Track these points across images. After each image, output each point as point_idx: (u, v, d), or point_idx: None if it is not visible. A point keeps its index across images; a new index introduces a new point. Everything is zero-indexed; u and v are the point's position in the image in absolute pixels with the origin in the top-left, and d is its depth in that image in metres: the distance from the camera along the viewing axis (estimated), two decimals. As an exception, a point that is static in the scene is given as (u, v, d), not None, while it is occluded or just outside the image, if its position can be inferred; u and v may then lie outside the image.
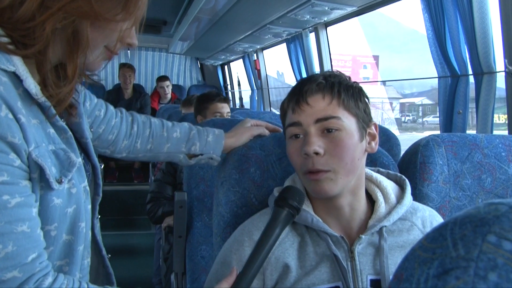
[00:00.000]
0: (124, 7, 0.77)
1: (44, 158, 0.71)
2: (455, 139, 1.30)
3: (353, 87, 1.02)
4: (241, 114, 3.16)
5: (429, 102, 17.32)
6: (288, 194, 0.95)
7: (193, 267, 1.80)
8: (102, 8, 0.74)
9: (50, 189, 0.73)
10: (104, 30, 0.77)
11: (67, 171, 0.76)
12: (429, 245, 0.39)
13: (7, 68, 0.69)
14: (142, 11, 0.82)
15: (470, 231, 0.37)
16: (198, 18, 3.63)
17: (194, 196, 1.83)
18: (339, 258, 0.97)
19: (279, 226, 0.91)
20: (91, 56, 0.80)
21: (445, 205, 1.26)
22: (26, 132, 0.69)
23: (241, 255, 1.02)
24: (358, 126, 1.01)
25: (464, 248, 0.36)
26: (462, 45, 1.99)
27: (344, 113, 0.99)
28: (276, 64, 5.56)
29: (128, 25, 0.80)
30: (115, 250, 3.82)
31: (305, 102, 1.00)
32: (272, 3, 2.90)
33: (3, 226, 0.65)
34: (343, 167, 0.97)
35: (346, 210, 1.03)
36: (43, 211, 0.73)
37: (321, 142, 0.97)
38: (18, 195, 0.67)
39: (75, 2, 0.71)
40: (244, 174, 1.20)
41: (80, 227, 0.81)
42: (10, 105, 0.67)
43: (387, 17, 18.66)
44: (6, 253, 0.65)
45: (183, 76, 7.16)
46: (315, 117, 0.98)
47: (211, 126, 1.81)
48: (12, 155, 0.67)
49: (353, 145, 0.99)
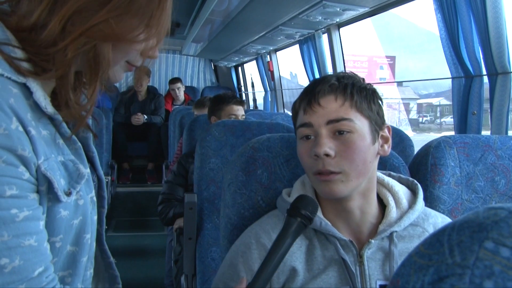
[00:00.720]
0: (147, 26, 0.76)
1: (53, 171, 0.71)
2: (467, 140, 1.27)
3: (367, 89, 1.01)
4: (254, 115, 3.16)
5: (446, 103, 17.15)
6: (301, 204, 0.93)
7: (203, 269, 1.80)
8: (124, 29, 0.73)
9: (58, 202, 0.72)
10: (125, 49, 0.77)
11: (76, 183, 0.76)
12: (426, 251, 0.38)
13: (17, 80, 0.69)
14: (167, 27, 0.80)
15: (468, 237, 0.35)
16: (210, 20, 3.64)
17: (204, 198, 1.83)
18: (347, 262, 0.96)
19: (290, 236, 0.90)
20: (112, 71, 0.79)
21: (457, 208, 1.24)
22: (36, 145, 0.68)
23: (248, 258, 1.01)
24: (370, 128, 0.99)
25: (460, 255, 0.35)
26: (476, 45, 1.96)
27: (357, 115, 0.98)
28: (289, 65, 5.55)
29: (153, 44, 0.80)
30: (128, 251, 3.84)
31: (317, 103, 0.98)
32: (283, 5, 2.90)
33: (11, 240, 0.64)
34: (354, 169, 0.96)
35: (356, 213, 1.01)
36: (49, 223, 0.72)
37: (332, 143, 0.96)
38: (26, 209, 0.66)
39: (96, 26, 0.71)
40: (251, 176, 1.19)
41: (85, 238, 0.81)
42: (21, 117, 0.66)
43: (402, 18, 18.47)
44: (13, 267, 0.64)
45: (197, 78, 7.18)
46: (326, 118, 0.97)
47: (222, 127, 1.83)
48: (22, 168, 0.66)
49: (365, 148, 0.97)
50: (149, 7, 0.75)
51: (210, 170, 1.81)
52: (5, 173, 0.64)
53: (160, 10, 0.77)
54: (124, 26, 0.73)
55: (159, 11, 0.77)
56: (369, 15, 2.98)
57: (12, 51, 0.69)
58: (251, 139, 1.27)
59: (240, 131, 1.83)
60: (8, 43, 0.69)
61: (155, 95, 5.65)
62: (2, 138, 0.63)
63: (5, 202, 0.64)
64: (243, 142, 1.80)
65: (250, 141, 1.24)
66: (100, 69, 0.75)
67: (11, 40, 0.70)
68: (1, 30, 0.70)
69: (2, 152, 0.63)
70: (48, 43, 0.70)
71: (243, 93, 6.73)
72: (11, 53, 0.69)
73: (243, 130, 1.83)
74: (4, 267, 0.64)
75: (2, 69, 0.67)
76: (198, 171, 1.83)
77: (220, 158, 1.81)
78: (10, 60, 0.68)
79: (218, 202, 1.83)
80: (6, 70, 0.67)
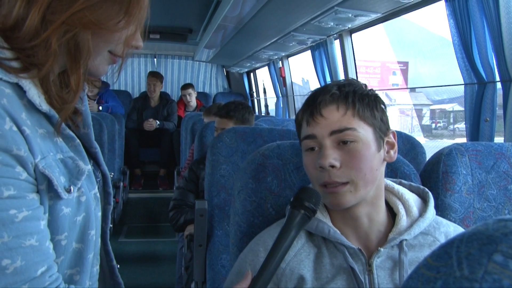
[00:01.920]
0: (126, 12, 0.76)
1: (51, 169, 0.71)
2: (479, 148, 1.26)
3: (369, 96, 1.00)
4: (265, 121, 3.16)
5: (460, 109, 16.94)
6: (304, 195, 0.93)
7: (213, 276, 1.79)
8: (104, 17, 0.74)
9: (59, 199, 0.73)
10: (106, 37, 0.77)
11: (76, 179, 0.76)
12: (434, 263, 0.38)
13: (9, 80, 0.69)
14: (145, 13, 0.81)
15: (476, 249, 0.35)
16: (223, 26, 3.66)
17: (215, 205, 1.83)
18: (356, 271, 0.95)
19: (294, 228, 0.90)
20: (94, 62, 0.79)
21: (469, 216, 1.22)
22: (32, 144, 0.69)
23: (256, 265, 1.01)
24: (375, 136, 0.98)
25: (468, 268, 0.34)
26: (489, 51, 1.94)
27: (360, 123, 0.97)
28: (301, 71, 5.55)
29: (132, 30, 0.80)
30: (140, 257, 3.85)
31: (319, 114, 0.98)
32: (296, 11, 2.90)
33: (11, 240, 0.65)
34: (362, 178, 0.95)
35: (364, 221, 1.00)
36: (53, 221, 0.73)
37: (336, 154, 0.95)
38: (25, 209, 0.67)
39: (77, 13, 0.71)
40: (261, 183, 1.19)
41: (90, 234, 0.81)
42: (14, 117, 0.67)
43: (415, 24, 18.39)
44: (15, 268, 0.65)
45: (209, 84, 7.21)
46: (329, 129, 0.96)
47: (233, 133, 1.83)
48: (19, 168, 0.67)
49: (371, 156, 0.96)
50: None
51: (221, 177, 1.81)
52: (2, 174, 0.64)
53: None
54: (104, 13, 0.74)
55: None
56: (381, 21, 2.97)
57: (1, 52, 0.70)
58: (262, 146, 1.26)
59: (251, 138, 1.83)
60: None
61: (168, 101, 5.67)
62: None
63: (3, 203, 0.64)
64: (254, 149, 1.80)
65: (260, 148, 1.24)
66: (82, 57, 0.75)
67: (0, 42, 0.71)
68: None
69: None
70: (31, 35, 0.71)
71: (255, 99, 6.74)
72: (0, 54, 0.69)
73: (254, 136, 1.83)
74: (6, 268, 0.64)
75: None
76: (209, 178, 1.83)
77: (231, 164, 1.81)
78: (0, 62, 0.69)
79: (228, 209, 1.83)
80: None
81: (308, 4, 2.73)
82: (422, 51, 10.39)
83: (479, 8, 1.91)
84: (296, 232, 0.90)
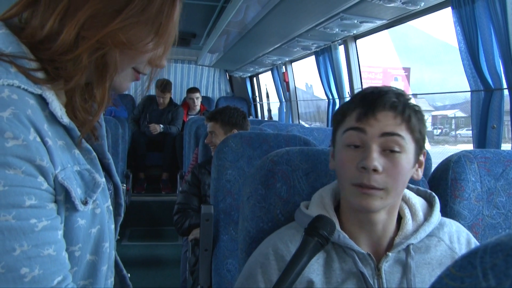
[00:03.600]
0: (156, 34, 0.77)
1: (69, 181, 0.71)
2: (488, 155, 1.26)
3: (420, 112, 1.00)
4: (269, 126, 3.16)
5: (462, 115, 16.97)
6: (319, 224, 0.93)
7: (219, 281, 1.79)
8: (135, 38, 0.75)
9: (75, 211, 0.73)
10: (133, 56, 0.78)
11: (92, 192, 0.77)
12: (457, 273, 0.37)
13: (34, 91, 0.69)
14: (174, 36, 0.81)
15: (501, 260, 0.35)
16: (227, 31, 3.67)
17: (220, 209, 1.83)
18: (366, 276, 0.95)
19: (306, 255, 0.89)
20: (118, 78, 0.80)
21: (477, 223, 1.22)
22: (53, 155, 0.69)
23: (267, 269, 1.01)
24: (415, 151, 0.98)
25: (495, 279, 0.34)
26: (496, 58, 1.94)
27: (408, 136, 0.96)
28: (304, 76, 5.56)
29: (160, 52, 0.81)
30: (143, 260, 3.85)
31: (374, 115, 0.96)
32: (301, 17, 2.90)
33: (31, 249, 0.65)
34: (395, 189, 0.95)
35: (379, 227, 1.01)
36: (67, 232, 0.73)
37: (381, 159, 0.95)
38: (45, 219, 0.67)
39: (111, 33, 0.72)
40: (270, 189, 1.18)
41: (104, 247, 0.81)
42: (38, 128, 0.67)
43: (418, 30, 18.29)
44: (33, 277, 0.65)
45: (212, 88, 7.22)
46: (381, 130, 0.95)
47: (239, 139, 1.83)
48: (40, 178, 0.67)
49: (408, 170, 0.97)
50: (159, 15, 0.77)
51: (226, 182, 1.81)
52: (25, 184, 0.65)
53: (169, 19, 0.78)
54: (135, 34, 0.75)
55: (168, 19, 0.78)
56: (387, 27, 2.98)
57: (27, 63, 0.70)
58: (268, 151, 1.26)
59: (257, 143, 1.83)
60: (24, 57, 0.70)
61: (175, 106, 5.67)
62: (21, 149, 0.64)
63: (25, 212, 0.65)
64: (260, 154, 1.81)
65: (269, 154, 1.24)
66: (108, 73, 0.76)
67: (26, 53, 0.71)
68: (16, 44, 0.71)
69: (21, 163, 0.64)
70: (63, 49, 0.71)
71: (258, 104, 6.75)
72: (26, 65, 0.70)
73: (260, 142, 1.83)
74: (24, 277, 0.64)
75: (19, 81, 0.68)
76: (215, 183, 1.83)
77: (237, 169, 1.81)
78: (26, 72, 0.69)
79: (234, 213, 1.83)
80: (23, 82, 0.68)
81: (314, 11, 2.74)
82: (425, 56, 10.42)
83: (486, 15, 1.91)
84: (308, 258, 0.90)
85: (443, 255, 1.00)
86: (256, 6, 2.85)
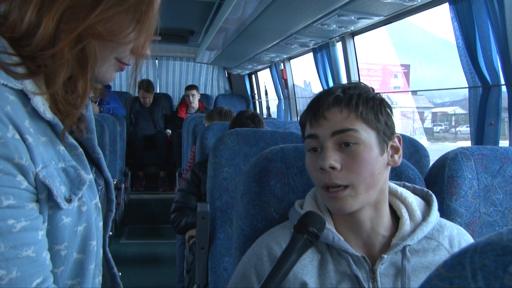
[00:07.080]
0: (138, 22, 0.75)
1: (52, 179, 0.69)
2: (485, 152, 1.25)
3: (374, 99, 0.99)
4: (267, 123, 3.15)
5: (462, 112, 16.97)
6: (308, 220, 0.91)
7: (215, 279, 1.79)
8: (115, 28, 0.73)
9: (59, 209, 0.71)
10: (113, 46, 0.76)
11: (77, 189, 0.75)
12: (447, 274, 0.36)
13: (14, 86, 0.68)
14: (154, 26, 0.80)
15: (491, 260, 0.34)
16: (224, 28, 3.66)
17: (217, 207, 1.82)
18: (360, 279, 0.94)
19: (295, 252, 0.88)
20: (101, 69, 0.78)
21: (474, 221, 1.21)
22: (34, 153, 0.67)
23: (260, 270, 1.00)
24: (378, 139, 0.97)
25: (484, 280, 0.33)
26: (494, 55, 1.93)
27: (363, 126, 0.96)
28: (303, 73, 5.55)
29: (142, 42, 0.79)
30: (141, 258, 3.85)
31: (322, 115, 0.97)
32: (298, 13, 2.89)
33: (8, 251, 0.63)
34: (362, 182, 0.94)
35: (367, 225, 0.99)
36: (52, 231, 0.71)
37: (337, 156, 0.94)
38: (23, 219, 0.65)
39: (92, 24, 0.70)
40: (264, 187, 1.17)
41: (91, 245, 0.79)
42: (17, 125, 0.65)
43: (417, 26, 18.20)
44: (10, 279, 0.63)
45: (210, 86, 7.20)
46: (331, 130, 0.95)
47: (235, 136, 1.82)
48: (19, 177, 0.65)
49: (372, 159, 0.95)
50: (140, 4, 0.75)
51: (223, 180, 1.80)
52: (2, 183, 0.63)
53: (149, 7, 0.77)
54: (116, 24, 0.73)
55: (149, 7, 0.76)
56: (384, 23, 2.97)
57: (8, 58, 0.68)
58: (265, 148, 1.25)
59: (253, 140, 1.82)
60: (3, 51, 0.68)
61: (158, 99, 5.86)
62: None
63: (2, 213, 0.63)
64: (257, 151, 1.80)
65: (263, 152, 1.23)
66: (89, 63, 0.74)
67: (6, 47, 0.69)
68: None
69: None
70: (44, 45, 0.69)
71: (257, 101, 6.74)
72: (7, 60, 0.68)
73: (257, 139, 1.82)
74: (1, 279, 0.62)
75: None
76: (211, 180, 1.83)
77: (233, 167, 1.80)
78: (6, 68, 0.67)
79: (231, 211, 1.82)
80: (3, 77, 0.66)
81: (311, 7, 2.72)
82: (424, 53, 10.42)
83: (484, 11, 1.90)
84: (297, 256, 0.88)
85: (442, 260, 0.98)
86: (253, 3, 2.84)
